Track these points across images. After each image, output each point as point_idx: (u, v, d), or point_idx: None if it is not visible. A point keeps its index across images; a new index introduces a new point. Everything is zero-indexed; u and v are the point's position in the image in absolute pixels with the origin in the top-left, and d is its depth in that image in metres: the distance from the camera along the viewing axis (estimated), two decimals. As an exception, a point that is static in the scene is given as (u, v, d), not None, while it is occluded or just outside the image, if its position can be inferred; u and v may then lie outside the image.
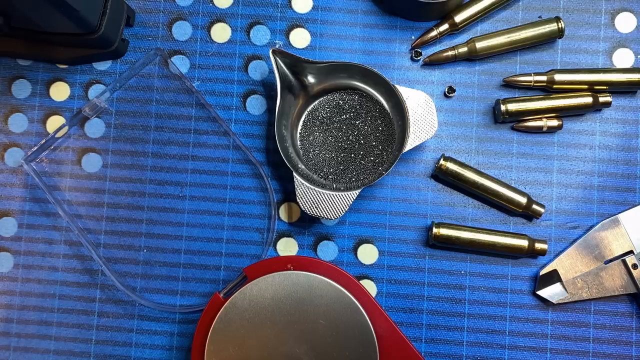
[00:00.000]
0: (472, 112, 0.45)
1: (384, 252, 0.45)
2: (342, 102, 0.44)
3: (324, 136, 0.44)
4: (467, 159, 0.45)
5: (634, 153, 0.45)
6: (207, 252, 0.45)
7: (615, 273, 0.43)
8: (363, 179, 0.43)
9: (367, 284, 0.45)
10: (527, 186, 0.45)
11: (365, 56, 0.46)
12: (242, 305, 0.39)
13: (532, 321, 0.44)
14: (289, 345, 0.39)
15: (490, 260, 0.44)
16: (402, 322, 0.44)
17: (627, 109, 0.45)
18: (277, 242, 0.45)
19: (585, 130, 0.45)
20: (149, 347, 0.45)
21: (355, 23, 0.46)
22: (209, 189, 0.46)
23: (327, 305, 0.39)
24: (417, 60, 0.46)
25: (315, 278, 0.39)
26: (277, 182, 0.46)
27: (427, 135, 0.42)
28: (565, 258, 0.43)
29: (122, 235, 0.46)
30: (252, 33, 0.46)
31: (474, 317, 0.44)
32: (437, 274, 0.44)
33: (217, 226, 0.45)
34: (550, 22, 0.44)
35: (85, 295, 0.45)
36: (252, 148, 0.46)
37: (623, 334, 0.44)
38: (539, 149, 0.45)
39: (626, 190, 0.45)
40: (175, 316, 0.45)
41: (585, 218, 0.45)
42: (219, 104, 0.46)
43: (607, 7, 0.46)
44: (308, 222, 0.45)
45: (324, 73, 0.43)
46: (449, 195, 0.45)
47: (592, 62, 0.45)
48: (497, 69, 0.46)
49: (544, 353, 0.44)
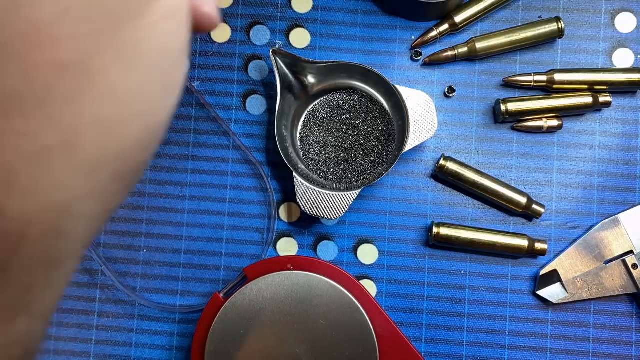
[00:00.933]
0: (472, 112, 0.45)
1: (384, 252, 0.45)
2: (342, 102, 0.44)
3: (324, 136, 0.44)
4: (467, 159, 0.45)
5: (634, 153, 0.45)
6: (207, 252, 0.45)
7: (615, 273, 0.42)
8: (363, 179, 0.43)
9: (367, 284, 0.45)
10: (527, 186, 0.45)
11: (365, 56, 0.46)
12: (242, 305, 0.39)
13: (532, 321, 0.44)
14: (289, 345, 0.39)
15: (490, 260, 0.44)
16: (402, 322, 0.44)
17: (627, 109, 0.45)
18: (277, 242, 0.45)
19: (585, 130, 0.45)
20: (149, 347, 0.45)
21: (355, 23, 0.46)
22: (209, 189, 0.46)
23: (327, 305, 0.39)
24: (417, 60, 0.46)
25: (315, 278, 0.39)
26: (277, 182, 0.46)
27: (427, 135, 0.42)
28: (565, 258, 0.43)
29: (122, 235, 0.46)
30: (252, 33, 0.46)
31: (474, 317, 0.44)
32: (437, 274, 0.44)
33: (217, 226, 0.45)
34: (550, 22, 0.44)
35: (85, 295, 0.45)
36: (252, 148, 0.46)
37: (623, 334, 0.44)
38: (539, 149, 0.45)
39: (626, 190, 0.45)
40: (175, 316, 0.45)
41: (585, 218, 0.45)
42: (219, 104, 0.46)
43: (607, 7, 0.46)
44: (308, 222, 0.45)
45: (324, 73, 0.43)
46: (449, 195, 0.45)
47: (592, 62, 0.45)
48: (497, 69, 0.46)
49: (544, 353, 0.44)
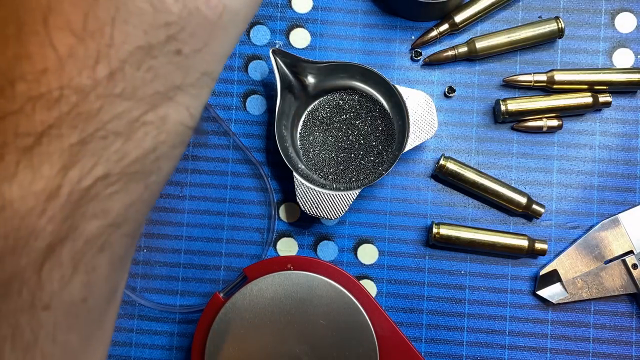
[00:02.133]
0: (472, 112, 0.45)
1: (384, 252, 0.45)
2: (342, 102, 0.44)
3: (324, 136, 0.44)
4: (467, 159, 0.45)
5: (634, 153, 0.45)
6: (207, 252, 0.45)
7: (615, 273, 0.43)
8: (363, 179, 0.43)
9: (367, 284, 0.45)
10: (527, 186, 0.45)
11: (365, 56, 0.46)
12: (242, 305, 0.39)
13: (532, 321, 0.44)
14: (289, 345, 0.39)
15: (490, 260, 0.44)
16: (402, 322, 0.44)
17: (627, 109, 0.45)
18: (277, 242, 0.45)
19: (585, 130, 0.45)
20: (149, 347, 0.45)
21: (355, 23, 0.46)
22: (209, 189, 0.46)
23: (327, 305, 0.39)
24: (417, 60, 0.46)
25: (315, 278, 0.39)
26: (277, 182, 0.46)
27: (427, 135, 0.42)
28: (565, 258, 0.43)
29: (122, 235, 0.46)
30: (252, 33, 0.46)
31: (474, 317, 0.44)
32: (437, 274, 0.44)
33: (217, 226, 0.45)
34: (550, 22, 0.44)
35: (85, 295, 0.45)
36: (252, 148, 0.46)
37: (623, 334, 0.44)
38: (539, 149, 0.45)
39: (626, 190, 0.45)
40: (175, 316, 0.45)
41: (585, 218, 0.45)
42: (219, 104, 0.46)
43: (607, 7, 0.46)
44: (308, 222, 0.45)
45: (324, 73, 0.43)
46: (449, 195, 0.45)
47: (592, 62, 0.45)
48: (497, 69, 0.46)
49: (544, 353, 0.44)
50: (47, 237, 0.18)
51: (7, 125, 0.18)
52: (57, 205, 0.18)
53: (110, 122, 0.19)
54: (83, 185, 0.19)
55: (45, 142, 0.18)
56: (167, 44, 0.20)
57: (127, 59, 0.19)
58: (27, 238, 0.18)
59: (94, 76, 0.18)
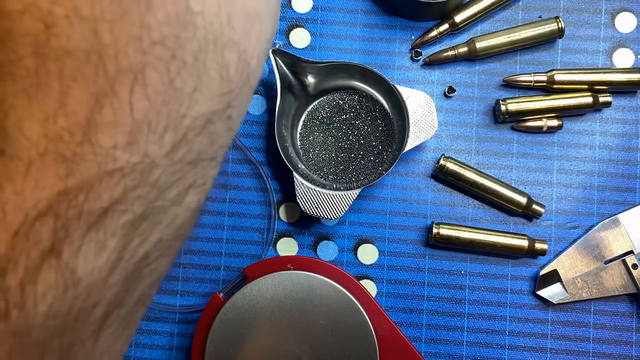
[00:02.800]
0: (472, 112, 0.45)
1: (384, 252, 0.45)
2: (342, 102, 0.44)
3: (324, 136, 0.44)
4: (467, 159, 0.45)
5: (634, 153, 0.45)
6: (207, 252, 0.45)
7: (615, 273, 0.42)
8: (363, 179, 0.43)
9: (367, 284, 0.45)
10: (527, 186, 0.45)
11: (365, 56, 0.46)
12: (242, 305, 0.39)
13: (532, 321, 0.44)
14: (289, 345, 0.39)
15: (490, 260, 0.44)
16: (402, 322, 0.44)
17: (627, 109, 0.45)
18: (277, 242, 0.45)
19: (585, 130, 0.45)
20: (149, 347, 0.45)
21: (355, 23, 0.46)
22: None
23: (327, 305, 0.39)
24: (417, 60, 0.46)
25: (315, 278, 0.39)
26: (277, 182, 0.46)
27: (427, 135, 0.42)
28: (565, 258, 0.43)
29: (122, 235, 0.46)
30: (252, 33, 0.46)
31: (474, 317, 0.44)
32: (437, 274, 0.44)
33: (217, 226, 0.45)
34: (550, 22, 0.44)
35: (85, 295, 0.45)
36: (252, 148, 0.46)
37: (623, 334, 0.44)
38: (539, 149, 0.45)
39: (626, 190, 0.45)
40: (175, 316, 0.45)
41: (585, 218, 0.45)
42: (219, 104, 0.46)
43: (607, 7, 0.46)
44: (308, 222, 0.45)
45: (324, 73, 0.43)
46: (449, 195, 0.45)
47: (592, 62, 0.45)
48: (497, 69, 0.46)
49: (544, 353, 0.44)
50: (105, 304, 0.19)
51: (74, 202, 0.17)
52: (118, 275, 0.18)
53: (168, 189, 0.19)
54: (140, 253, 0.19)
55: (110, 216, 0.18)
56: (225, 111, 0.20)
57: (191, 125, 0.19)
58: (89, 310, 0.18)
59: (161, 144, 0.18)
